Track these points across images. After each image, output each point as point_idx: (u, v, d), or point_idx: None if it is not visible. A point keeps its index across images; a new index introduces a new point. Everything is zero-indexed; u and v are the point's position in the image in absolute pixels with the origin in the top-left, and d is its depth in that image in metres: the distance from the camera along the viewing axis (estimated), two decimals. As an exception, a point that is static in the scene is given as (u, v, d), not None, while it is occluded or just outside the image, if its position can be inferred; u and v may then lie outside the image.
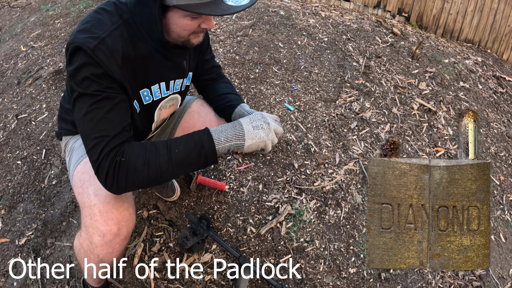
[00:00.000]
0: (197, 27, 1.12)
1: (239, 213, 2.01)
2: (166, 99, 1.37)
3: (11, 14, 4.88)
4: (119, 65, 1.09)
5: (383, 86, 3.03)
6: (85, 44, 1.03)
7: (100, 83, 1.05)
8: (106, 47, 1.05)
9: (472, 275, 2.05)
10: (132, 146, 1.08)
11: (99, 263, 1.23)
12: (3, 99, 3.09)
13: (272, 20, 3.61)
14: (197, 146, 1.10)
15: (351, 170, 2.31)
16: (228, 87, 1.58)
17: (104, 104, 1.06)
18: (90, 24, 1.08)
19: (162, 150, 1.08)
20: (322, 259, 1.89)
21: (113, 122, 1.06)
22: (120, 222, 1.17)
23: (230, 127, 1.16)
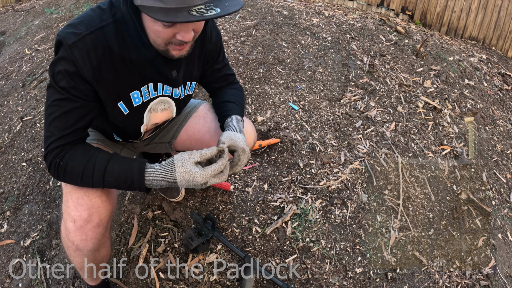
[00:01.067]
0: (172, 37, 1.07)
1: (244, 213, 2.00)
2: (154, 101, 1.33)
3: (15, 18, 4.91)
4: (93, 65, 1.09)
5: (387, 85, 3.01)
6: (65, 39, 1.05)
7: (69, 81, 1.08)
8: (84, 45, 1.06)
9: (479, 274, 2.04)
10: (73, 154, 1.13)
11: (77, 251, 1.24)
12: (8, 102, 3.11)
13: (276, 20, 3.60)
14: (128, 183, 1.14)
15: (356, 169, 2.29)
16: (233, 93, 1.54)
17: (65, 104, 1.10)
18: (79, 19, 1.10)
19: (97, 173, 1.12)
20: (328, 259, 1.87)
21: (66, 123, 1.11)
22: (91, 208, 1.19)
23: (162, 174, 1.14)
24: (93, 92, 1.14)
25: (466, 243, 2.14)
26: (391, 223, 2.08)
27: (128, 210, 2.01)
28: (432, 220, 2.18)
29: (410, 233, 2.07)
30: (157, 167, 1.13)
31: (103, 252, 1.34)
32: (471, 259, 2.08)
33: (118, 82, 1.17)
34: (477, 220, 2.28)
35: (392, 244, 2.00)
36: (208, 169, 1.12)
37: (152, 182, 1.13)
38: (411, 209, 2.18)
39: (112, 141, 1.54)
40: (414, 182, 2.33)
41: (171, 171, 1.12)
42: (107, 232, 1.30)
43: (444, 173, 2.46)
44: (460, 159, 2.59)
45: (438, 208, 2.25)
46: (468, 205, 2.32)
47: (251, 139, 1.58)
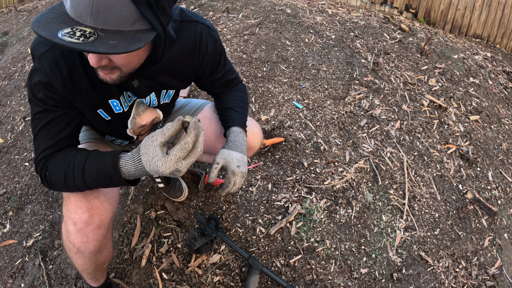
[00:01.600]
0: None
1: (248, 213, 1.99)
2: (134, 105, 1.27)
3: (18, 18, 4.92)
4: (64, 75, 1.03)
5: (392, 83, 2.99)
6: (34, 50, 1.03)
7: (45, 92, 1.04)
8: (53, 54, 1.01)
9: (485, 274, 2.01)
10: (55, 162, 1.10)
11: (79, 253, 1.22)
12: (11, 102, 3.10)
13: (279, 18, 3.58)
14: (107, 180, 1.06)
15: (361, 168, 2.27)
16: (235, 97, 1.48)
17: (45, 115, 1.07)
18: None
19: (77, 176, 1.07)
20: (333, 259, 1.85)
21: (49, 134, 1.09)
22: (90, 210, 1.17)
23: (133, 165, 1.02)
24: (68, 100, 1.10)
25: (472, 243, 2.12)
26: (396, 223, 2.06)
27: (131, 210, 1.99)
28: (437, 220, 2.15)
29: (415, 233, 2.05)
30: (127, 158, 1.03)
31: (105, 254, 1.33)
32: (477, 259, 2.06)
33: (93, 90, 1.12)
34: (483, 220, 2.25)
35: (398, 244, 1.98)
36: (171, 154, 0.96)
37: (128, 174, 1.04)
38: (417, 209, 2.16)
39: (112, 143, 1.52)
40: (419, 181, 2.31)
41: (139, 159, 1.01)
42: (108, 233, 1.28)
43: (450, 172, 2.43)
44: (466, 157, 2.56)
45: (444, 207, 2.23)
46: (474, 205, 2.30)
47: (258, 140, 1.55)
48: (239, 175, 1.24)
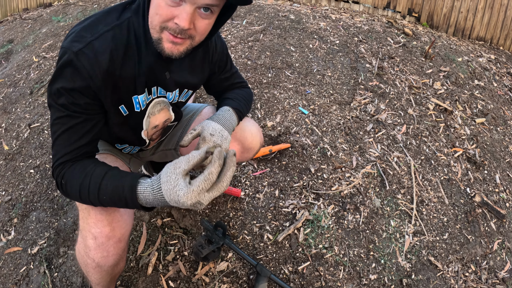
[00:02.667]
0: (170, 20, 0.99)
1: (255, 220, 1.97)
2: (151, 104, 1.28)
3: (23, 26, 4.95)
4: (102, 70, 1.04)
5: (397, 87, 2.98)
6: (69, 48, 1.00)
7: (68, 97, 1.03)
8: (91, 50, 1.01)
9: (495, 278, 1.99)
10: (72, 171, 1.08)
11: (97, 268, 1.20)
12: (16, 109, 3.12)
13: (283, 24, 3.59)
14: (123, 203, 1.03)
15: (368, 173, 2.26)
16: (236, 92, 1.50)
17: (66, 121, 1.06)
18: (81, 26, 1.05)
19: (92, 191, 1.04)
20: (341, 266, 1.84)
21: (69, 140, 1.08)
22: (111, 223, 1.15)
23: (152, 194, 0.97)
24: (94, 105, 1.09)
25: (481, 247, 2.10)
26: (405, 228, 2.04)
27: (137, 218, 1.99)
28: (446, 224, 2.13)
29: (424, 238, 2.03)
30: (146, 185, 0.98)
31: (121, 266, 1.32)
32: (486, 263, 2.04)
33: (121, 85, 1.13)
34: (492, 223, 2.23)
35: (407, 250, 1.96)
36: (194, 184, 0.90)
37: (145, 202, 0.99)
38: (425, 213, 2.14)
39: (119, 151, 1.51)
40: (427, 186, 2.29)
41: (158, 188, 0.95)
42: (126, 246, 1.26)
43: (457, 175, 2.42)
44: (473, 160, 2.55)
45: (452, 211, 2.21)
46: (482, 208, 2.28)
47: (256, 142, 1.54)
48: (210, 143, 1.20)
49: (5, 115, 3.10)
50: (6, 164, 2.57)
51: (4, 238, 2.05)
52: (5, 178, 2.45)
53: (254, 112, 2.60)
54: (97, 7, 4.76)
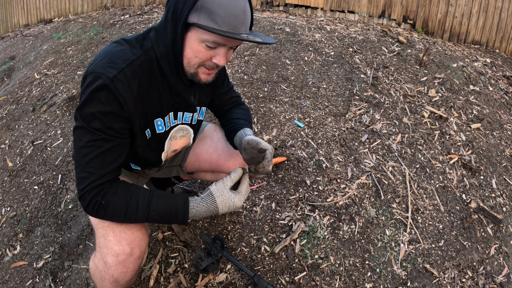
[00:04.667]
0: (208, 59, 1.15)
1: (253, 232, 2.02)
2: (175, 128, 1.39)
3: (24, 43, 5.02)
4: (134, 96, 1.14)
5: (392, 96, 3.02)
6: (104, 73, 1.08)
7: (103, 122, 1.10)
8: (124, 77, 1.11)
9: (493, 283, 2.01)
10: (115, 192, 1.15)
11: (114, 283, 1.25)
12: (19, 126, 3.16)
13: (278, 37, 3.64)
14: (172, 217, 1.21)
15: (363, 184, 2.30)
16: (241, 112, 1.61)
17: (101, 144, 1.12)
18: (109, 55, 1.14)
19: (141, 209, 1.17)
20: (337, 275, 1.87)
21: (104, 162, 1.13)
22: (133, 242, 1.22)
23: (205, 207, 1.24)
24: (126, 129, 1.18)
25: (477, 252, 2.12)
26: (400, 236, 2.08)
27: (139, 232, 2.02)
28: (442, 231, 2.16)
29: (420, 246, 2.06)
30: (198, 201, 1.23)
31: (134, 279, 1.37)
32: (483, 268, 2.06)
33: (148, 110, 1.23)
34: (488, 228, 2.25)
35: (402, 258, 1.99)
36: (241, 191, 1.27)
37: (195, 215, 1.22)
38: (420, 221, 2.17)
39: (128, 170, 1.58)
40: (422, 194, 2.32)
41: (212, 202, 1.23)
42: (142, 262, 1.34)
43: (453, 182, 2.45)
44: (468, 166, 2.57)
45: (448, 218, 2.23)
46: (478, 214, 2.30)
47: None
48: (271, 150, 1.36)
49: (8, 132, 3.15)
50: (10, 181, 2.61)
51: (10, 253, 2.09)
52: (10, 194, 2.49)
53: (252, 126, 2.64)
54: (96, 23, 4.83)
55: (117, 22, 4.69)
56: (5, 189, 2.56)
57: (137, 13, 4.99)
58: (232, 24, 1.07)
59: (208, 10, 1.06)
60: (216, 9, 1.06)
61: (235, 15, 1.07)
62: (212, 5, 1.06)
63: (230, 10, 1.06)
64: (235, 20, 1.08)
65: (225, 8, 1.06)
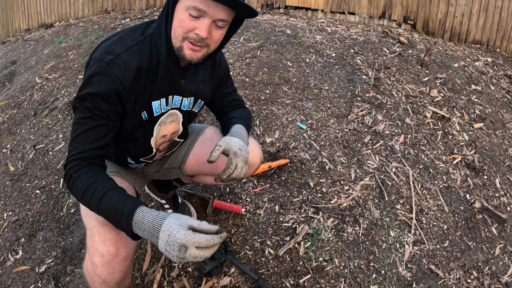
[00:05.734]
0: (191, 31, 1.16)
1: (257, 235, 2.01)
2: (165, 114, 1.39)
3: (25, 47, 5.03)
4: (131, 78, 1.19)
5: (394, 97, 3.01)
6: (101, 58, 1.15)
7: (92, 102, 1.16)
8: (121, 60, 1.16)
9: (498, 283, 2.00)
10: (86, 172, 1.16)
11: (104, 284, 1.25)
12: (21, 130, 3.17)
13: (279, 39, 3.64)
14: (118, 216, 1.08)
15: (367, 185, 2.29)
16: (239, 112, 1.60)
17: (87, 122, 1.18)
18: (110, 41, 1.21)
19: (96, 195, 1.11)
20: (342, 278, 1.86)
21: (87, 139, 1.18)
22: (118, 242, 1.22)
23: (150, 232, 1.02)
24: (114, 112, 1.21)
25: (482, 253, 2.11)
26: (405, 237, 2.07)
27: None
28: (446, 232, 2.15)
29: (425, 247, 2.05)
30: (151, 211, 1.06)
31: (126, 282, 1.37)
32: (488, 268, 2.05)
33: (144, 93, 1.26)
34: (493, 228, 2.24)
35: (407, 259, 1.98)
36: (196, 235, 0.98)
37: (138, 224, 1.04)
38: (425, 222, 2.16)
39: (126, 171, 1.57)
40: (426, 194, 2.31)
41: (162, 218, 1.03)
42: (131, 263, 1.33)
43: (457, 182, 2.44)
44: (472, 166, 2.56)
45: (452, 219, 2.22)
46: (482, 214, 2.29)
47: (257, 158, 1.60)
48: (240, 157, 1.29)
49: (10, 136, 3.15)
50: (12, 185, 2.61)
51: (12, 257, 2.09)
52: (12, 199, 2.49)
53: (253, 129, 2.64)
54: (97, 27, 4.84)
55: (118, 26, 4.70)
56: (7, 193, 2.56)
57: (137, 17, 4.99)
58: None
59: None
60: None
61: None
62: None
63: None
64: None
65: None
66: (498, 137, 2.92)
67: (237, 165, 1.29)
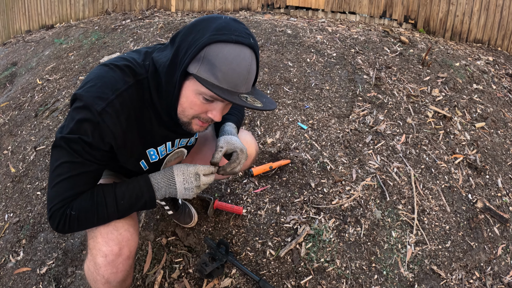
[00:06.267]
0: (203, 113, 1.11)
1: (258, 236, 2.00)
2: (171, 153, 1.39)
3: (26, 49, 5.04)
4: (123, 128, 1.11)
5: (395, 97, 3.00)
6: (92, 105, 1.04)
7: (85, 147, 1.07)
8: (113, 110, 1.06)
9: (500, 283, 1.99)
10: (80, 200, 1.12)
11: (106, 284, 1.24)
12: (22, 132, 3.17)
13: (280, 39, 3.63)
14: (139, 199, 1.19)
15: (368, 185, 2.28)
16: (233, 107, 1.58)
17: (77, 167, 1.09)
18: (101, 81, 1.08)
19: (109, 202, 1.14)
20: (344, 279, 1.85)
21: (75, 185, 1.11)
22: (121, 242, 1.21)
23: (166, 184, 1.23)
24: (107, 156, 1.15)
25: (485, 253, 2.10)
26: (406, 238, 2.06)
27: (142, 237, 2.02)
28: (448, 232, 2.14)
29: (426, 247, 2.04)
30: (157, 174, 1.23)
31: (128, 282, 1.36)
32: (491, 268, 2.04)
33: (139, 142, 1.21)
34: (495, 228, 2.24)
35: (409, 260, 1.97)
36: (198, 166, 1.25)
37: (157, 187, 1.21)
38: (427, 222, 2.16)
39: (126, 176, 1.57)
40: (428, 194, 2.30)
41: (169, 169, 1.24)
42: (133, 262, 1.33)
43: (458, 182, 2.43)
44: (474, 166, 2.55)
45: (454, 219, 2.22)
46: (485, 213, 2.28)
47: (253, 149, 1.64)
48: (245, 154, 1.37)
49: (11, 138, 3.15)
50: (13, 186, 2.61)
51: (13, 259, 2.09)
52: (13, 200, 2.49)
53: (254, 129, 2.63)
54: (98, 28, 4.84)
55: (119, 27, 4.70)
56: (8, 195, 2.56)
57: (138, 18, 5.00)
58: (234, 82, 1.01)
59: (211, 63, 0.99)
60: (219, 64, 0.99)
61: (239, 73, 1.01)
62: (215, 58, 0.99)
63: (234, 67, 1.00)
64: (237, 78, 1.01)
65: (229, 64, 0.99)
66: (500, 137, 2.91)
67: (241, 161, 1.36)
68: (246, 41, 1.02)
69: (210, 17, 1.06)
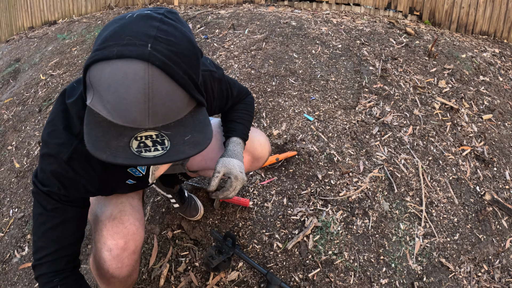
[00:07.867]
0: None
1: (265, 229, 1.99)
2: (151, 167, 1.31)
3: (29, 45, 5.03)
4: (98, 173, 1.05)
5: (402, 88, 2.97)
6: (57, 154, 0.97)
7: (60, 196, 1.02)
8: (81, 156, 0.98)
9: (509, 277, 1.97)
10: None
11: (112, 278, 1.23)
12: (26, 127, 3.17)
13: (285, 31, 3.61)
14: None
15: (376, 177, 2.25)
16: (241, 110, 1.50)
17: (58, 213, 1.04)
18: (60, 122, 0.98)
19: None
20: (352, 271, 1.84)
21: (62, 234, 1.05)
22: (126, 236, 1.19)
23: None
24: (87, 198, 1.11)
25: (493, 246, 2.08)
26: (415, 230, 2.04)
27: (148, 231, 2.01)
28: (457, 225, 2.12)
29: (435, 240, 2.02)
30: None
31: (134, 277, 1.35)
32: (499, 261, 2.02)
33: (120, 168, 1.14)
34: (503, 221, 2.21)
35: (417, 252, 1.96)
36: None
37: None
38: (435, 215, 2.13)
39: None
40: (436, 186, 2.28)
41: None
42: (139, 257, 1.31)
43: (466, 174, 2.40)
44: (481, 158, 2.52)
45: (462, 211, 2.19)
46: (493, 206, 2.26)
47: (265, 151, 1.58)
48: (240, 180, 1.31)
49: (15, 133, 3.16)
50: (18, 182, 2.61)
51: (18, 254, 2.09)
52: (17, 195, 2.49)
53: (260, 121, 2.61)
54: (100, 23, 4.82)
55: (121, 21, 4.67)
56: (13, 190, 2.55)
57: (140, 12, 4.96)
58: (129, 116, 0.74)
59: (97, 91, 0.76)
60: (104, 92, 0.74)
61: (130, 102, 0.72)
62: (98, 84, 0.74)
63: (120, 94, 0.72)
64: (132, 109, 0.73)
65: (113, 92, 0.73)
66: (507, 129, 2.88)
67: (236, 187, 1.31)
68: (134, 52, 0.71)
69: (112, 20, 0.81)
